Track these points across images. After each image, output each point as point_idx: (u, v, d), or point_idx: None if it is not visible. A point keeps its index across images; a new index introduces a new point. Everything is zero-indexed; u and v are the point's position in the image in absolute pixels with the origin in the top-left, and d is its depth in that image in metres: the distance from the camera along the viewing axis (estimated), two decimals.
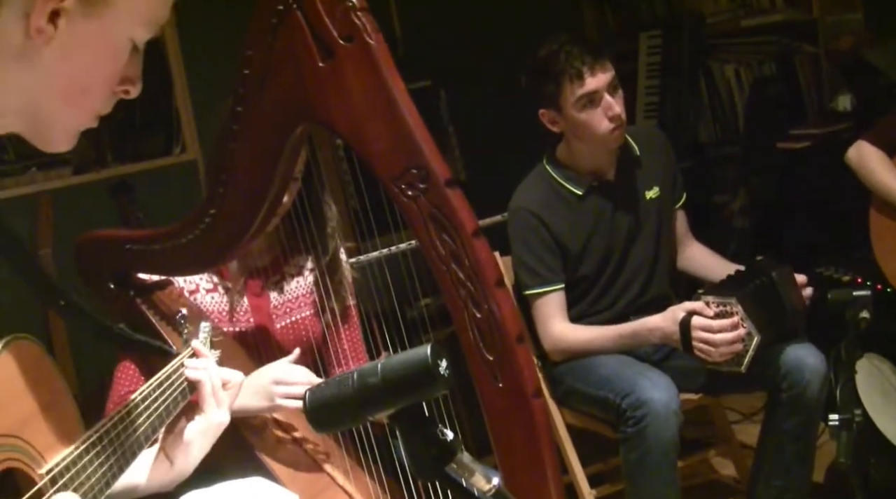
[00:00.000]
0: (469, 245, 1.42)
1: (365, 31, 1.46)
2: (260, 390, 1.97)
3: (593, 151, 2.86)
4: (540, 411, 1.44)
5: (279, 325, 2.19)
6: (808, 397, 2.70)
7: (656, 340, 2.75)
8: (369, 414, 1.31)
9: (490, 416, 1.45)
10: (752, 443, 2.99)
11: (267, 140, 1.61)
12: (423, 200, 1.44)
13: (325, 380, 1.37)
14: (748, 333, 2.60)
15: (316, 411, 1.31)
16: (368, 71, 1.45)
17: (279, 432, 2.05)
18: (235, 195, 1.70)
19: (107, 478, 1.39)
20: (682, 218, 3.08)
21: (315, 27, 1.48)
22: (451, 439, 1.29)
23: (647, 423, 2.59)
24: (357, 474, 2.00)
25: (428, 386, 1.27)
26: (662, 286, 2.99)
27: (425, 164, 1.44)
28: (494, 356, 1.41)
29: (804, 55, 4.44)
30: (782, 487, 2.80)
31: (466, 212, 1.44)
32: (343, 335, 2.23)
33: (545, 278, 2.84)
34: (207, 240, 1.78)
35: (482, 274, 1.42)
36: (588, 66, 2.71)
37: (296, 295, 2.22)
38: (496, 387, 1.42)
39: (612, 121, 2.75)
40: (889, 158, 3.04)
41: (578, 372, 2.85)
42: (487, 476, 1.34)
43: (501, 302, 1.42)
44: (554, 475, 1.45)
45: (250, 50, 1.56)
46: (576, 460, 2.96)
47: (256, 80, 1.56)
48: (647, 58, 4.74)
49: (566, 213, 2.86)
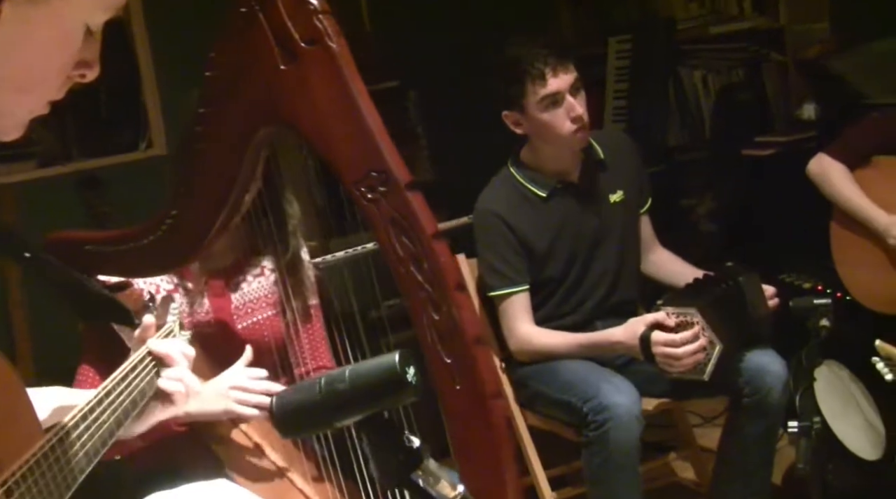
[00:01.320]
0: (429, 248, 1.43)
1: (327, 35, 1.46)
2: (218, 395, 1.96)
3: (557, 153, 2.87)
4: (499, 413, 1.44)
5: (241, 325, 2.18)
6: (769, 403, 2.73)
7: (619, 352, 2.78)
8: (337, 421, 1.30)
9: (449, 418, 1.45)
10: (712, 446, 3.02)
11: (230, 142, 1.62)
12: (384, 203, 1.45)
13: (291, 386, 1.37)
14: (710, 342, 2.62)
15: (283, 417, 1.31)
16: (331, 74, 1.46)
17: (239, 436, 2.04)
18: (197, 197, 1.70)
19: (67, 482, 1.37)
20: (647, 223, 3.10)
21: (277, 30, 1.49)
22: (418, 445, 1.30)
23: (610, 427, 2.60)
24: (316, 478, 2.00)
25: (396, 393, 1.27)
26: (629, 290, 3.01)
27: (386, 167, 1.45)
28: (453, 358, 1.42)
29: (771, 63, 4.48)
30: (743, 490, 2.84)
31: (427, 215, 1.45)
32: (305, 335, 2.23)
33: (510, 280, 2.85)
34: (170, 242, 1.77)
35: (441, 277, 1.42)
36: (550, 68, 2.73)
37: (258, 295, 2.21)
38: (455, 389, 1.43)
39: (574, 122, 2.77)
40: (850, 171, 3.07)
41: (543, 376, 2.86)
42: (453, 483, 1.34)
43: (460, 305, 1.42)
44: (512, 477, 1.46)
45: (214, 52, 1.57)
46: (538, 463, 2.98)
47: (220, 83, 1.57)
48: (616, 62, 4.76)
49: (530, 214, 2.87)
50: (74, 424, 1.41)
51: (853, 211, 3.05)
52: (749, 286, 2.74)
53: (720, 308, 2.67)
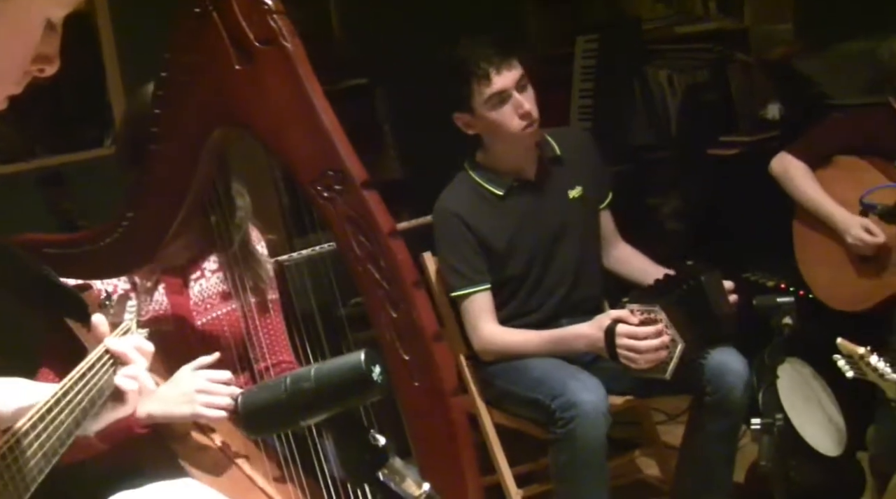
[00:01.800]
0: (385, 246, 1.43)
1: (282, 35, 1.47)
2: (183, 398, 1.95)
3: (510, 151, 2.88)
4: (458, 410, 1.45)
5: (200, 322, 2.17)
6: (731, 401, 2.76)
7: (582, 346, 2.79)
8: (303, 419, 1.30)
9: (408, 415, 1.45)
10: (676, 443, 3.04)
11: (186, 142, 1.61)
12: (340, 201, 1.45)
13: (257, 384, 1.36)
14: (672, 340, 2.64)
15: (248, 416, 1.30)
16: (286, 74, 1.46)
17: (200, 436, 2.04)
18: (153, 199, 1.69)
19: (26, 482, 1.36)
20: (608, 219, 3.12)
21: (232, 30, 1.48)
22: (384, 444, 1.30)
23: (577, 424, 2.62)
24: (277, 476, 2.00)
25: (362, 392, 1.27)
26: (592, 286, 3.03)
27: (342, 166, 1.45)
28: (411, 356, 1.42)
29: (736, 63, 4.51)
30: (705, 487, 2.86)
31: (383, 213, 1.45)
32: (264, 329, 2.22)
33: (471, 279, 2.86)
34: (127, 244, 1.77)
35: (399, 275, 1.43)
36: (495, 67, 2.75)
37: (216, 291, 2.21)
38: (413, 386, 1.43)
39: (522, 118, 2.78)
40: (812, 170, 3.10)
41: (510, 374, 2.87)
42: (419, 481, 1.35)
43: (418, 302, 1.43)
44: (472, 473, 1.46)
45: (169, 52, 1.56)
46: (503, 460, 2.99)
47: (175, 83, 1.56)
48: (582, 61, 4.78)
49: (489, 213, 2.88)
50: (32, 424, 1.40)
51: (814, 209, 3.08)
52: (711, 285, 2.76)
53: (683, 307, 2.70)
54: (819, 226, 3.12)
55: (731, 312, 2.82)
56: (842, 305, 3.10)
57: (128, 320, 1.81)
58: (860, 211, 2.95)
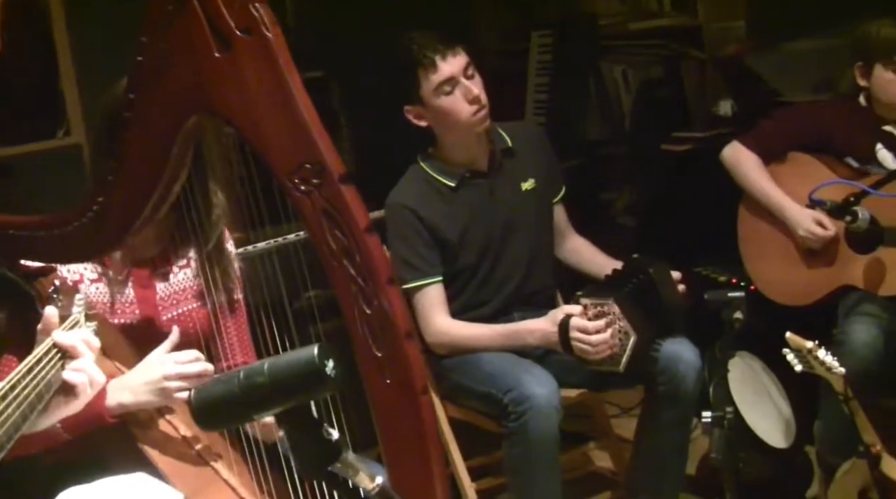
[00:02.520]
0: (361, 241, 1.43)
1: (262, 24, 1.45)
2: (152, 387, 1.94)
3: (462, 141, 2.89)
4: (427, 408, 1.45)
5: (165, 317, 2.16)
6: (683, 390, 2.80)
7: (535, 341, 2.81)
8: (256, 414, 1.31)
9: (377, 411, 1.46)
10: (630, 436, 3.07)
11: (160, 129, 1.59)
12: (317, 195, 1.44)
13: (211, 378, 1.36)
14: (625, 333, 2.67)
15: (202, 411, 1.31)
16: (265, 64, 1.44)
17: (165, 426, 2.02)
18: (125, 184, 1.67)
19: None
20: (561, 211, 3.14)
21: (212, 17, 1.46)
22: (337, 438, 1.31)
23: (529, 418, 2.64)
24: (241, 468, 1.99)
25: (316, 386, 1.28)
26: (544, 279, 3.05)
27: (320, 159, 1.44)
28: (383, 353, 1.42)
29: (690, 60, 4.55)
30: (659, 476, 2.90)
31: (359, 208, 1.45)
32: (230, 328, 2.22)
33: (423, 272, 2.87)
34: (95, 228, 1.75)
35: (373, 270, 1.43)
36: (440, 54, 2.77)
37: (183, 287, 2.19)
38: (384, 383, 1.43)
39: (472, 103, 2.80)
40: (763, 163, 3.14)
41: (463, 367, 2.88)
42: (372, 475, 1.36)
43: (392, 299, 1.43)
44: (440, 471, 1.47)
45: (146, 36, 1.54)
46: (458, 454, 3.00)
47: (151, 68, 1.54)
48: (538, 56, 4.80)
49: (441, 205, 2.89)
50: None
51: (765, 201, 3.11)
52: (659, 277, 2.80)
53: (635, 299, 2.73)
54: (764, 221, 3.15)
55: (681, 302, 2.86)
56: (788, 300, 3.14)
57: (76, 313, 1.79)
58: (808, 206, 3.00)
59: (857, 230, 2.83)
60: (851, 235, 2.94)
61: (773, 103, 3.79)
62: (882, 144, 2.94)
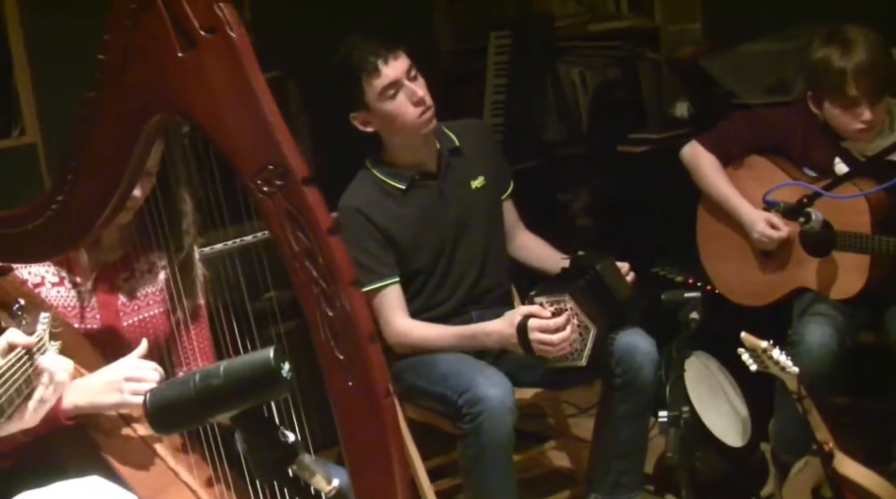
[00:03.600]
0: (324, 243, 1.43)
1: (227, 24, 1.44)
2: (111, 388, 1.93)
3: (409, 143, 2.90)
4: (389, 411, 1.46)
5: (127, 322, 2.14)
6: (640, 381, 2.82)
7: (495, 343, 2.83)
8: (211, 416, 1.31)
9: (339, 413, 1.46)
10: (587, 436, 3.09)
11: (122, 128, 1.58)
12: (280, 197, 1.44)
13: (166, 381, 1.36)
14: (584, 327, 2.70)
15: (157, 413, 1.30)
16: (230, 64, 1.44)
17: (124, 428, 2.01)
18: (86, 184, 1.66)
19: None
20: (510, 208, 3.16)
21: (176, 16, 1.45)
22: (293, 440, 1.31)
23: (483, 419, 2.65)
24: (201, 470, 1.98)
25: (271, 388, 1.28)
26: (499, 275, 3.06)
27: (284, 161, 1.43)
28: (346, 355, 1.42)
29: (647, 61, 4.59)
30: (620, 469, 2.92)
31: (322, 210, 1.45)
32: (192, 334, 2.21)
33: (380, 274, 2.87)
34: (53, 228, 1.73)
35: (336, 272, 1.42)
36: (382, 59, 2.77)
37: (145, 292, 2.18)
38: (346, 385, 1.43)
39: (417, 105, 2.80)
40: (722, 165, 3.17)
41: (419, 368, 2.89)
42: (328, 477, 1.36)
43: (354, 301, 1.43)
44: (402, 474, 1.47)
45: (108, 34, 1.53)
46: (416, 455, 3.00)
47: (114, 67, 1.53)
48: (495, 57, 4.82)
49: (392, 208, 2.90)
50: None
51: (722, 201, 3.14)
52: (606, 270, 2.82)
53: (590, 293, 2.75)
54: (722, 222, 3.19)
55: (631, 293, 2.88)
56: (744, 300, 3.18)
57: (41, 331, 1.78)
58: (763, 208, 3.03)
59: (811, 232, 2.87)
60: (806, 237, 2.98)
61: (728, 105, 3.82)
62: (840, 158, 2.97)
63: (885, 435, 3.01)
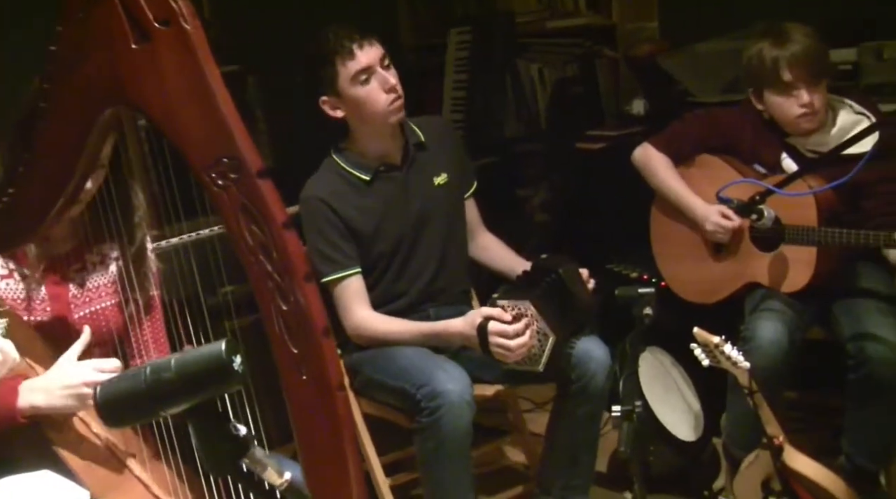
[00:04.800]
0: (279, 237, 1.42)
1: (182, 16, 1.43)
2: (70, 393, 1.92)
3: (377, 132, 2.91)
4: (343, 405, 1.46)
5: (78, 315, 2.12)
6: (594, 387, 2.85)
7: (457, 343, 2.84)
8: (163, 409, 1.31)
9: (293, 408, 1.45)
10: (543, 432, 3.11)
11: (75, 121, 1.56)
12: (235, 190, 1.43)
13: (117, 374, 1.36)
14: (543, 333, 2.71)
15: (107, 407, 1.30)
16: (184, 57, 1.43)
17: (77, 424, 2.00)
18: (37, 176, 1.64)
19: None
20: (473, 207, 3.17)
21: (130, 8, 1.44)
22: (245, 434, 1.31)
23: (442, 414, 2.66)
24: (155, 465, 1.98)
25: (222, 382, 1.28)
26: (457, 272, 3.07)
27: (238, 154, 1.43)
28: (300, 349, 1.42)
29: (604, 59, 4.62)
30: (570, 473, 2.94)
31: (277, 204, 1.44)
32: (145, 327, 2.20)
33: (342, 264, 2.87)
34: (4, 221, 1.71)
35: (291, 266, 1.42)
36: (357, 44, 2.79)
37: (97, 284, 2.16)
38: (300, 379, 1.43)
39: (389, 93, 2.82)
40: (673, 163, 3.21)
41: (377, 362, 2.89)
42: (280, 471, 1.36)
43: (309, 295, 1.43)
44: (356, 468, 1.48)
45: (61, 26, 1.51)
46: (372, 449, 3.00)
47: (66, 58, 1.51)
48: (456, 52, 4.83)
49: (355, 198, 2.90)
50: None
51: (674, 198, 3.17)
52: (569, 276, 2.84)
53: (551, 300, 2.76)
54: (675, 221, 3.22)
55: (591, 299, 2.90)
56: (698, 298, 3.21)
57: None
58: None
59: (763, 228, 2.91)
60: (756, 233, 3.02)
61: (684, 103, 3.86)
62: (787, 153, 3.02)
63: (833, 429, 3.05)
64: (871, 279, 2.98)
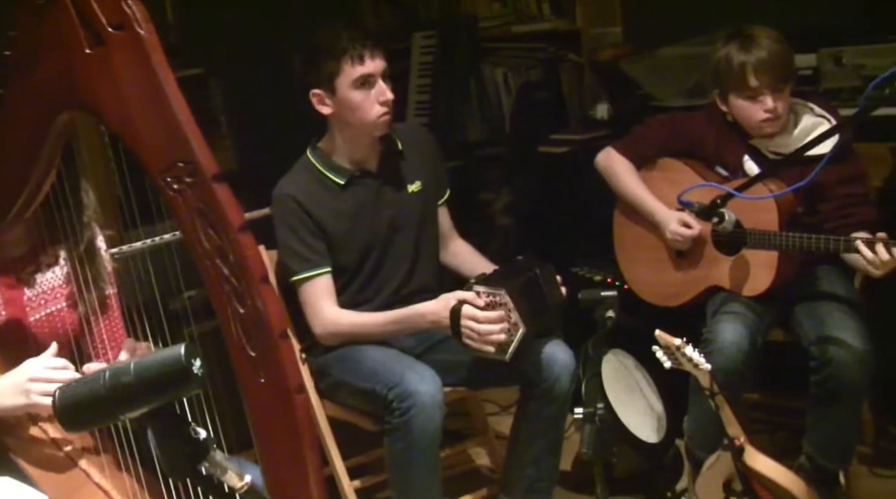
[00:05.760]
0: (235, 241, 1.42)
1: (135, 20, 1.43)
2: (16, 388, 1.90)
3: (357, 139, 2.91)
4: (302, 407, 1.46)
5: (34, 317, 2.11)
6: (557, 391, 2.86)
7: (426, 324, 2.82)
8: (122, 413, 1.30)
9: (252, 411, 1.45)
10: (507, 434, 3.11)
11: (30, 126, 1.56)
12: (190, 194, 1.43)
13: (76, 378, 1.35)
14: (514, 323, 2.72)
15: (66, 411, 1.29)
16: (138, 61, 1.43)
17: (33, 429, 1.98)
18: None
19: None
20: (445, 214, 3.18)
21: (83, 12, 1.44)
22: (204, 437, 1.31)
23: (414, 414, 2.66)
24: (114, 470, 1.96)
25: (182, 385, 1.28)
26: (427, 279, 3.07)
27: (193, 158, 1.43)
28: (257, 352, 1.42)
29: (568, 64, 4.64)
30: (533, 475, 2.96)
31: (233, 207, 1.44)
32: (101, 327, 2.18)
33: (312, 262, 2.87)
34: None
35: (247, 270, 1.42)
36: (368, 51, 2.80)
37: (51, 286, 2.15)
38: (259, 383, 1.43)
39: (382, 106, 2.83)
40: (636, 168, 3.23)
41: (345, 363, 2.89)
42: (240, 474, 1.36)
43: (266, 298, 1.43)
44: (315, 470, 1.48)
45: (14, 30, 1.51)
46: (336, 453, 3.00)
47: (20, 63, 1.51)
48: (420, 57, 4.83)
49: (328, 200, 2.90)
50: None
51: (636, 203, 3.19)
52: (545, 277, 2.86)
53: (526, 293, 2.78)
54: (637, 225, 3.24)
55: (561, 303, 2.92)
56: (660, 302, 3.23)
57: None
58: (677, 209, 3.09)
59: (724, 232, 2.93)
60: (718, 237, 3.04)
61: (647, 107, 3.88)
62: (748, 155, 3.05)
63: (793, 430, 3.08)
64: (831, 282, 3.02)
